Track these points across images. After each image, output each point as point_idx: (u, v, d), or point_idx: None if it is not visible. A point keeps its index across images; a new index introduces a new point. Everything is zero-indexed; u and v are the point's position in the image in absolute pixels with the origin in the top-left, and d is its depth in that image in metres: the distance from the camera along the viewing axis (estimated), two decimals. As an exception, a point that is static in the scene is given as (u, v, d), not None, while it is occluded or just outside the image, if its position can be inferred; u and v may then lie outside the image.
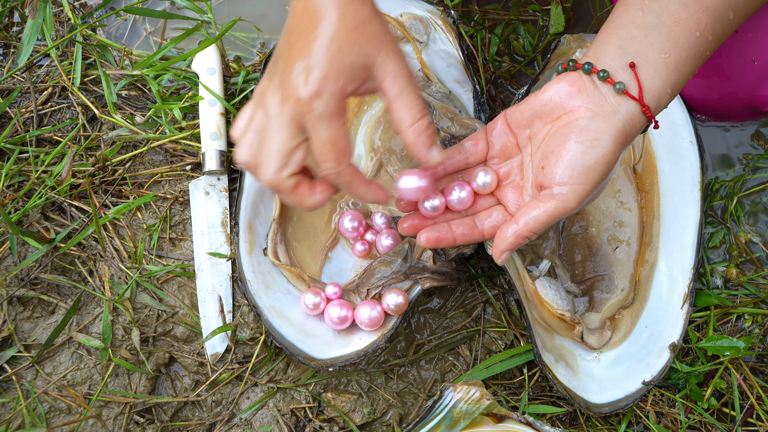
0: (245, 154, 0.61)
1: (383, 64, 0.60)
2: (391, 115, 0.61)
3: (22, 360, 0.75)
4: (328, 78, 0.58)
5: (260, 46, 0.91)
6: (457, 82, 0.85)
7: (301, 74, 0.58)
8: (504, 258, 0.62)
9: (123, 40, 0.91)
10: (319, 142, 0.59)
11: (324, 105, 0.58)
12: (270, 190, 0.62)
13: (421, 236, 0.65)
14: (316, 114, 0.58)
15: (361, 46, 0.59)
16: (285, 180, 0.60)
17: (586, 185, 0.59)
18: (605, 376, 0.77)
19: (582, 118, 0.59)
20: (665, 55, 0.59)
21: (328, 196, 0.63)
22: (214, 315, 0.78)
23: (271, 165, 0.60)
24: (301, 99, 0.58)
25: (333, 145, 0.59)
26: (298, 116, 0.59)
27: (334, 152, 0.59)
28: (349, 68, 0.59)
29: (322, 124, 0.58)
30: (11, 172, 0.80)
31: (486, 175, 0.65)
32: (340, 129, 0.59)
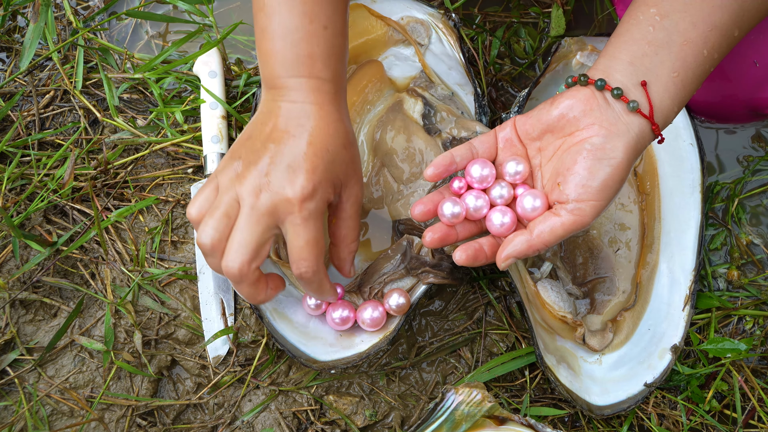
0: (210, 236, 0.60)
1: (351, 188, 0.65)
2: (334, 228, 0.67)
3: (25, 363, 0.75)
4: (321, 183, 0.60)
5: (261, 49, 0.91)
6: (458, 85, 0.85)
7: (291, 174, 0.59)
8: (508, 264, 0.62)
9: (125, 43, 0.91)
10: (301, 241, 0.60)
11: (314, 207, 0.60)
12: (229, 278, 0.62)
13: (426, 235, 0.65)
14: (303, 215, 0.60)
15: (345, 165, 0.63)
16: (251, 273, 0.61)
17: (602, 201, 0.60)
18: (607, 378, 0.77)
19: (596, 135, 0.59)
20: (674, 74, 0.60)
21: (278, 293, 0.66)
22: (216, 318, 0.78)
23: (241, 255, 0.60)
24: (288, 198, 0.59)
25: (316, 244, 0.61)
26: (279, 212, 0.60)
27: (315, 252, 0.61)
28: (334, 181, 0.62)
29: (307, 225, 0.60)
30: (13, 175, 0.80)
31: (518, 165, 0.64)
32: (320, 230, 0.61)
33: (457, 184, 0.66)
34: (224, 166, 0.63)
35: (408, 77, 0.86)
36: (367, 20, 0.86)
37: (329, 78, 0.63)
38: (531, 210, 0.62)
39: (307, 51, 0.62)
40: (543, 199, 0.62)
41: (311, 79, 0.62)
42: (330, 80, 0.63)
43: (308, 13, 0.62)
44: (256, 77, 0.87)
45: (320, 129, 0.61)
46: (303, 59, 0.62)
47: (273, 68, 0.63)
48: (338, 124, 0.63)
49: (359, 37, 0.85)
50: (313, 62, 0.63)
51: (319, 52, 0.63)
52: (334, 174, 0.62)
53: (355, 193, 0.65)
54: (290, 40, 0.62)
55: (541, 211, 0.62)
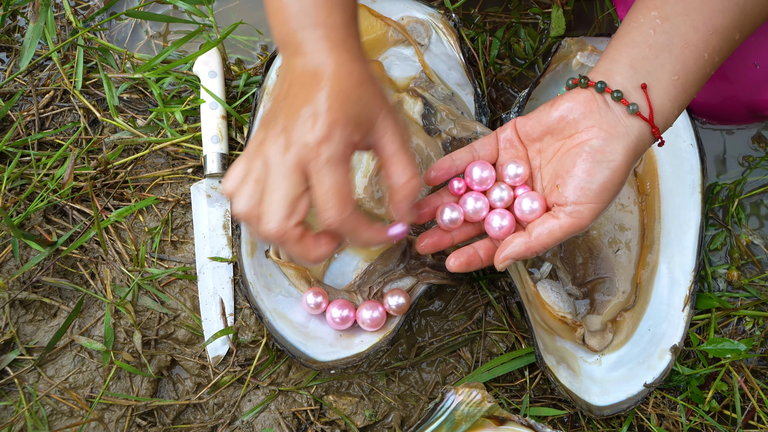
0: (245, 205, 0.59)
1: (383, 123, 0.60)
2: (386, 170, 0.62)
3: (24, 363, 0.75)
4: (337, 123, 0.57)
5: (261, 50, 0.91)
6: (458, 85, 0.85)
7: (308, 120, 0.57)
8: (505, 265, 0.62)
9: (124, 43, 0.91)
10: (323, 188, 0.58)
11: (332, 150, 0.57)
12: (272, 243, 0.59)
13: (422, 241, 0.65)
14: (323, 159, 0.57)
15: (366, 101, 0.59)
16: (291, 229, 0.58)
17: (601, 203, 0.59)
18: (607, 379, 0.77)
19: (596, 138, 0.59)
20: (675, 77, 0.60)
21: (333, 249, 0.61)
22: (216, 318, 0.78)
23: (277, 213, 0.58)
24: (308, 143, 0.57)
25: (338, 191, 0.57)
26: (303, 162, 0.57)
27: (338, 199, 0.58)
28: (356, 118, 0.59)
29: (329, 169, 0.57)
30: (13, 175, 0.80)
31: (518, 167, 0.64)
32: (345, 175, 0.58)
33: (457, 184, 0.66)
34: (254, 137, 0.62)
35: (408, 77, 0.86)
36: (367, 20, 0.86)
37: (337, 24, 0.61)
38: (529, 212, 0.62)
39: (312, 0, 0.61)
40: (541, 202, 0.62)
41: (320, 27, 0.61)
42: (338, 26, 0.61)
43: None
44: (256, 77, 0.87)
45: (331, 73, 0.59)
46: (309, 9, 0.61)
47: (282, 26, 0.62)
48: (351, 64, 0.60)
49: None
50: (319, 10, 0.61)
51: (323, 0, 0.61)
52: (353, 112, 0.59)
53: (390, 126, 0.61)
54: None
55: (538, 214, 0.62)
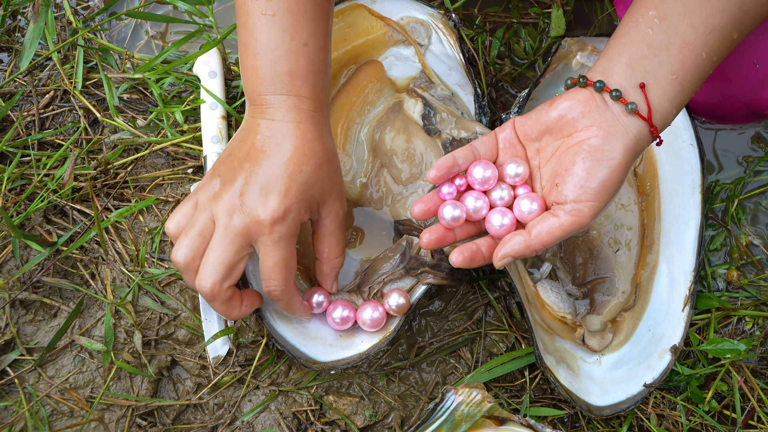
0: (184, 255, 0.62)
1: (330, 205, 0.66)
2: (317, 244, 0.68)
3: (25, 363, 0.75)
4: (292, 207, 0.61)
5: (261, 50, 0.91)
6: (458, 85, 0.85)
7: (264, 195, 0.60)
8: (504, 263, 0.62)
9: (125, 43, 0.91)
10: (271, 262, 0.62)
11: (284, 230, 0.61)
12: (202, 296, 0.64)
13: (423, 237, 0.65)
14: (274, 237, 0.61)
15: (322, 184, 0.64)
16: (224, 291, 0.63)
17: (600, 202, 0.60)
18: (606, 379, 0.77)
19: (595, 137, 0.59)
20: (673, 76, 0.60)
21: (253, 309, 0.68)
22: (216, 318, 0.78)
23: (213, 275, 0.62)
24: (260, 220, 0.60)
25: (284, 266, 0.62)
26: (251, 233, 0.61)
27: (284, 272, 0.62)
28: (309, 201, 0.63)
29: (278, 247, 0.61)
30: (13, 175, 0.80)
31: (518, 167, 0.64)
32: (292, 251, 0.63)
33: (458, 181, 0.66)
34: (204, 184, 0.64)
35: (408, 77, 0.86)
36: (367, 20, 0.86)
37: (309, 95, 0.64)
38: (528, 213, 0.62)
39: (287, 68, 0.63)
40: (539, 202, 0.62)
41: (290, 96, 0.63)
42: (310, 97, 0.64)
43: (288, 29, 0.63)
44: (256, 77, 0.87)
45: (296, 149, 0.62)
46: (282, 76, 0.63)
47: (254, 85, 0.64)
48: (315, 142, 0.63)
49: (359, 37, 0.85)
50: (293, 79, 0.63)
51: (298, 69, 0.63)
52: (308, 195, 0.63)
53: (334, 210, 0.66)
54: (270, 57, 0.63)
55: (537, 214, 0.62)
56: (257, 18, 0.63)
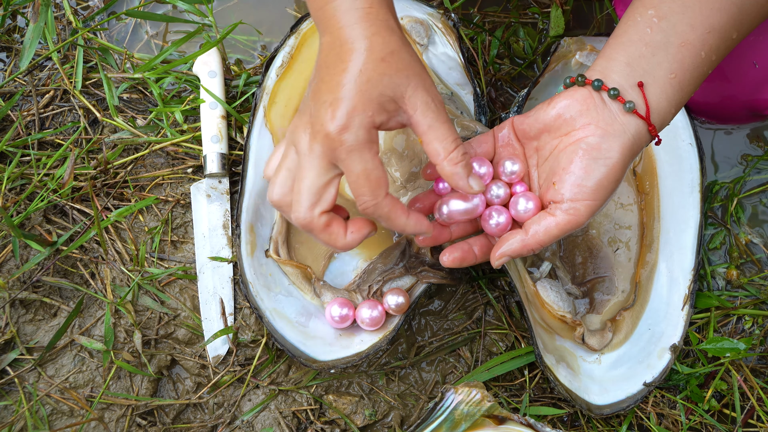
0: (277, 193, 0.61)
1: (413, 97, 0.59)
2: (425, 149, 0.60)
3: (25, 363, 0.75)
4: (356, 110, 0.57)
5: (261, 49, 0.92)
6: (457, 85, 0.85)
7: (329, 108, 0.57)
8: (501, 262, 0.62)
9: (124, 43, 0.91)
10: (352, 175, 0.58)
11: (353, 137, 0.57)
12: (303, 230, 0.61)
13: (419, 235, 0.65)
14: (346, 147, 0.57)
15: (390, 77, 0.58)
16: (317, 218, 0.59)
17: (597, 201, 0.59)
18: (606, 378, 0.77)
19: (592, 135, 0.59)
20: (671, 76, 0.60)
21: (363, 237, 0.62)
22: (216, 317, 0.78)
23: (303, 203, 0.59)
24: (329, 133, 0.57)
25: (367, 177, 0.58)
26: (329, 151, 0.58)
27: (369, 184, 0.58)
28: (377, 100, 0.58)
29: (354, 156, 0.57)
30: (13, 175, 0.80)
31: (514, 164, 0.64)
32: (372, 160, 0.58)
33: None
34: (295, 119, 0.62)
35: (407, 77, 0.86)
36: (366, 20, 0.86)
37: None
38: (524, 212, 0.62)
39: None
40: (536, 201, 0.62)
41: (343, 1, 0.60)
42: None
43: None
44: (256, 77, 0.87)
45: (353, 51, 0.58)
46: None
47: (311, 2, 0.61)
48: (373, 38, 0.59)
49: (359, 36, 0.85)
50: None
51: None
52: (375, 93, 0.58)
53: (420, 101, 0.59)
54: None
55: (533, 213, 0.62)
56: None
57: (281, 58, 0.82)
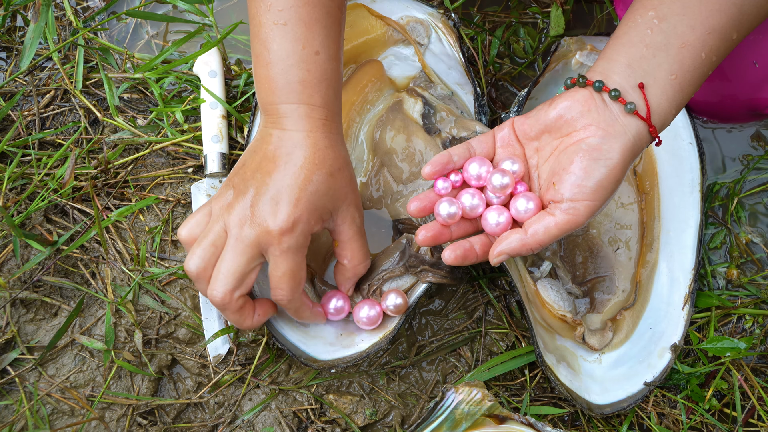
0: (197, 265, 0.63)
1: (345, 211, 0.66)
2: (337, 252, 0.69)
3: (25, 362, 0.75)
4: (301, 218, 0.62)
5: (261, 49, 0.92)
6: (457, 85, 0.85)
7: (274, 205, 0.61)
8: (500, 260, 0.62)
9: (125, 43, 0.91)
10: (279, 272, 0.63)
11: (293, 241, 0.62)
12: (215, 306, 0.65)
13: (419, 234, 0.65)
14: (283, 247, 0.62)
15: (334, 191, 0.64)
16: (235, 301, 0.64)
17: (597, 201, 0.60)
18: (607, 377, 0.77)
19: (593, 136, 0.59)
20: (672, 77, 0.60)
21: (265, 319, 0.68)
22: (217, 317, 0.78)
23: (224, 285, 0.62)
24: (270, 231, 0.61)
25: (292, 276, 0.63)
26: (262, 243, 0.62)
27: (292, 282, 0.63)
28: (320, 211, 0.63)
29: (287, 257, 0.62)
30: (14, 175, 0.80)
31: (513, 164, 0.64)
32: (300, 262, 0.63)
33: (453, 177, 0.66)
34: (218, 194, 0.65)
35: (408, 77, 0.86)
36: (366, 20, 0.86)
37: (320, 104, 0.64)
38: (524, 212, 0.62)
39: (299, 77, 0.64)
40: (536, 201, 0.62)
41: (302, 105, 0.64)
42: (321, 106, 0.64)
43: (300, 38, 0.63)
44: (256, 77, 0.87)
45: (306, 158, 0.63)
46: (294, 85, 0.64)
47: (266, 94, 0.65)
48: (326, 151, 0.64)
49: (359, 36, 0.85)
50: (304, 88, 0.64)
51: (310, 78, 0.64)
52: (319, 204, 0.63)
53: (350, 216, 0.67)
54: (282, 67, 0.64)
55: (533, 213, 0.62)
56: (269, 28, 0.64)
57: (282, 57, 0.82)
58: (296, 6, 0.63)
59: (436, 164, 0.65)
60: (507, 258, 0.62)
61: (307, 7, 0.63)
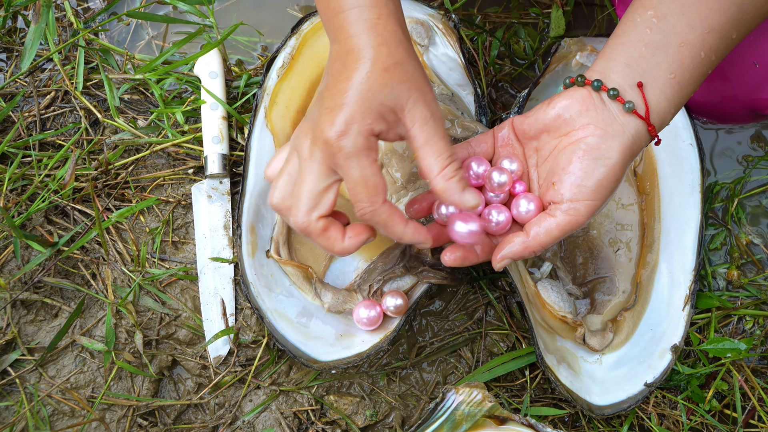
0: (278, 196, 0.61)
1: (413, 110, 0.59)
2: (418, 164, 0.60)
3: (26, 363, 0.75)
4: (354, 117, 0.57)
5: (262, 50, 0.92)
6: (458, 86, 0.85)
7: (329, 115, 0.58)
8: (503, 264, 0.62)
9: (125, 44, 0.91)
10: (350, 181, 0.58)
11: (351, 143, 0.57)
12: (301, 233, 0.62)
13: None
14: (344, 153, 0.58)
15: (392, 87, 0.58)
16: (314, 222, 0.60)
17: (596, 200, 0.59)
18: (607, 378, 0.77)
19: (592, 135, 0.59)
20: (671, 76, 0.60)
21: (361, 243, 0.62)
22: (217, 318, 0.78)
23: (302, 207, 0.59)
24: (329, 139, 0.58)
25: (365, 183, 0.58)
26: (328, 156, 0.58)
27: (366, 190, 0.58)
28: (377, 109, 0.58)
29: (352, 162, 0.58)
30: (14, 176, 0.80)
31: (512, 163, 0.64)
32: (370, 167, 0.58)
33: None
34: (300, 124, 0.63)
35: (408, 78, 0.86)
36: (367, 21, 0.86)
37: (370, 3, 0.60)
38: (525, 213, 0.62)
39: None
40: (537, 202, 0.62)
41: (352, 10, 0.60)
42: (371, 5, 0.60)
43: None
44: (257, 78, 0.88)
45: (356, 61, 0.59)
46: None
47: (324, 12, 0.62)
48: (378, 48, 0.59)
49: (359, 37, 0.85)
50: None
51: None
52: (375, 101, 0.58)
53: (420, 115, 0.59)
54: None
55: (534, 214, 0.62)
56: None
57: (282, 59, 0.82)
58: None
59: None
60: (510, 262, 0.62)
61: None
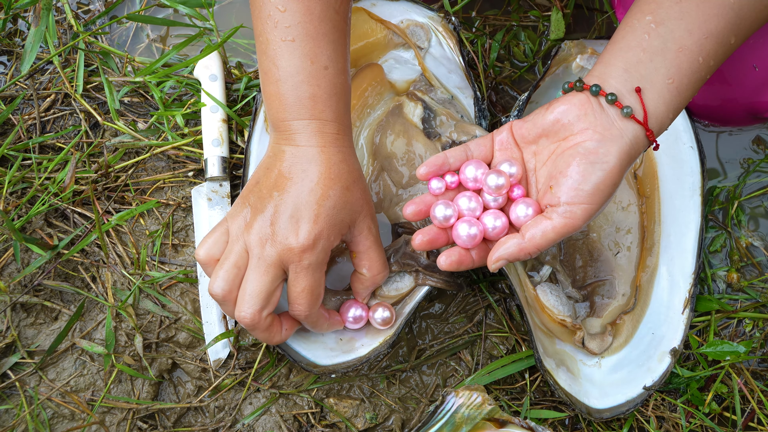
0: (221, 287, 0.64)
1: (361, 222, 0.67)
2: (354, 262, 0.69)
3: (26, 366, 0.76)
4: (322, 234, 0.63)
5: (262, 53, 0.92)
6: (458, 88, 0.85)
7: (295, 223, 0.62)
8: (498, 266, 0.62)
9: (125, 47, 0.91)
10: (298, 288, 0.64)
11: (314, 258, 0.63)
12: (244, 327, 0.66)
13: (416, 238, 0.65)
14: (303, 264, 0.63)
15: (351, 204, 0.65)
16: (263, 320, 0.65)
17: (594, 204, 0.60)
18: (606, 381, 0.77)
19: (590, 140, 0.59)
20: (669, 81, 0.60)
21: (293, 331, 0.70)
22: (217, 321, 0.78)
23: (252, 306, 0.63)
24: (292, 248, 0.62)
25: (311, 292, 0.64)
26: (284, 260, 0.63)
27: (310, 298, 0.64)
28: (339, 225, 0.64)
29: (306, 273, 0.63)
30: (14, 179, 0.80)
31: (511, 167, 0.64)
32: (320, 278, 0.64)
33: (450, 178, 0.66)
34: (235, 213, 0.66)
35: (408, 81, 0.86)
36: (366, 23, 0.86)
37: (332, 118, 0.65)
38: (523, 217, 0.63)
39: (309, 92, 0.64)
40: (535, 207, 0.62)
41: (313, 120, 0.64)
42: (333, 120, 0.65)
43: (309, 54, 0.64)
44: (257, 80, 0.88)
45: (321, 174, 0.63)
46: (305, 101, 0.64)
47: (277, 111, 0.65)
48: (340, 165, 0.64)
49: (359, 40, 0.85)
50: (315, 103, 0.64)
51: (320, 93, 0.64)
52: (338, 219, 0.64)
53: (366, 227, 0.67)
54: (292, 83, 0.64)
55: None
56: (277, 45, 0.64)
57: (282, 61, 0.82)
58: (303, 22, 0.63)
59: (431, 165, 0.65)
60: (505, 263, 0.62)
61: (314, 22, 0.64)
